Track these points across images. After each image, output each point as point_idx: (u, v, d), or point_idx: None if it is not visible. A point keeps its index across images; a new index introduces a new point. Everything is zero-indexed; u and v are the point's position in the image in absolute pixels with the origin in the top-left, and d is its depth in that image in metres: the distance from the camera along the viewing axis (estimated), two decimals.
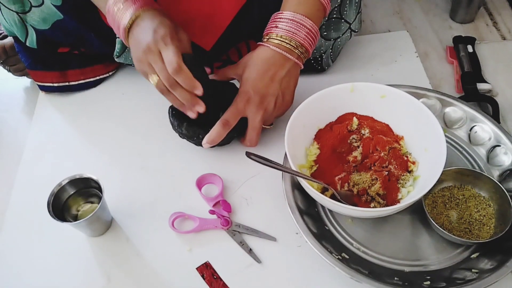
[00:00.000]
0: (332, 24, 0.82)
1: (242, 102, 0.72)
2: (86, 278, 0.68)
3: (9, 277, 0.69)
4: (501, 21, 1.01)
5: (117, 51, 0.82)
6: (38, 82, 0.89)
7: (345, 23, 0.83)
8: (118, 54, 0.83)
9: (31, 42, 0.84)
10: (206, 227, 0.70)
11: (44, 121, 0.88)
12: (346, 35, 0.85)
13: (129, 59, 0.85)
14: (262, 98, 0.72)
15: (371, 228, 0.68)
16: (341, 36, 0.85)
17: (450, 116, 0.77)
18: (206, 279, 0.66)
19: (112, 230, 0.72)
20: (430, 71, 0.91)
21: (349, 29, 0.85)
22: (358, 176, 0.69)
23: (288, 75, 0.72)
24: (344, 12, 0.81)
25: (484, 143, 0.74)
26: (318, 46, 0.85)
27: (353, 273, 0.60)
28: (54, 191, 0.67)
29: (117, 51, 0.82)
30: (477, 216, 0.67)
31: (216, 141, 0.72)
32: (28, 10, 0.79)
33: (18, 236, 0.73)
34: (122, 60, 0.85)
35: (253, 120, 0.73)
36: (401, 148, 0.71)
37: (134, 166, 0.79)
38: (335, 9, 0.80)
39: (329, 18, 0.81)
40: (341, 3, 0.80)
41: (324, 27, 0.82)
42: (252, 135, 0.75)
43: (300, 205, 0.68)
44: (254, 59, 0.72)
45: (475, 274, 0.61)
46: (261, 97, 0.72)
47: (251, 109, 0.72)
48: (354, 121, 0.74)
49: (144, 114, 0.87)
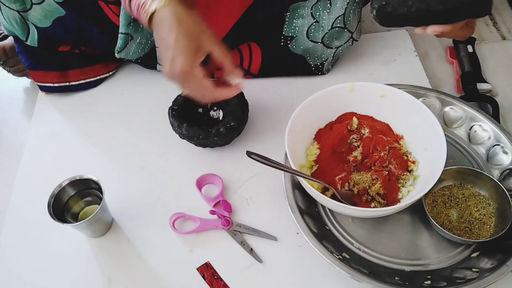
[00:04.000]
0: (335, 34, 0.82)
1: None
2: (86, 279, 0.68)
3: (9, 278, 0.69)
4: (501, 21, 1.01)
5: (118, 46, 0.82)
6: (38, 83, 0.89)
7: (348, 32, 0.83)
8: (119, 50, 0.83)
9: (32, 40, 0.84)
10: (207, 228, 0.70)
11: (44, 122, 0.88)
12: (348, 43, 0.85)
13: (130, 55, 0.85)
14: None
15: (372, 227, 0.68)
16: (343, 44, 0.85)
17: (449, 115, 0.78)
18: (207, 280, 0.66)
19: (112, 231, 0.72)
20: (430, 71, 0.91)
21: (351, 38, 0.85)
22: (358, 176, 0.69)
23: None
24: (348, 21, 0.81)
25: (484, 142, 0.74)
26: (319, 53, 0.85)
27: (353, 273, 0.60)
28: (54, 192, 0.67)
29: (119, 46, 0.82)
30: (477, 215, 0.67)
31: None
32: (29, 8, 0.79)
33: (18, 237, 0.73)
34: (123, 56, 0.85)
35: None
36: (401, 147, 0.71)
37: (134, 167, 0.80)
38: (339, 18, 0.80)
39: (333, 28, 0.81)
40: (345, 13, 0.80)
41: (327, 36, 0.82)
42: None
43: (301, 205, 0.68)
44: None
45: (476, 273, 0.61)
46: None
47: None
48: (354, 121, 0.74)
49: (144, 114, 0.87)
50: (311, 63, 0.86)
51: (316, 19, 0.80)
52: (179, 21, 0.59)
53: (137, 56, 0.86)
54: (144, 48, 0.85)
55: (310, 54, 0.85)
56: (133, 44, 0.83)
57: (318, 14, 0.79)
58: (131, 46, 0.83)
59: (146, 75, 0.92)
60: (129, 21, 0.79)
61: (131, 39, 0.82)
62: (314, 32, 0.82)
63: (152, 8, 0.59)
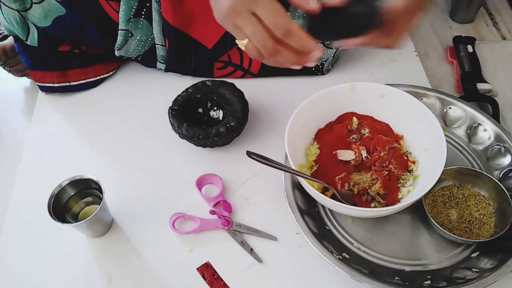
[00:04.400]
0: None
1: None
2: (86, 279, 0.68)
3: (9, 278, 0.69)
4: (501, 21, 1.01)
5: (118, 43, 0.82)
6: (39, 83, 0.89)
7: None
8: (119, 47, 0.83)
9: (32, 40, 0.84)
10: (207, 228, 0.70)
11: (44, 122, 0.88)
12: None
13: (130, 52, 0.85)
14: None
15: (372, 228, 0.68)
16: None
17: (449, 115, 0.78)
18: (207, 280, 0.66)
19: (112, 231, 0.72)
20: (430, 71, 0.91)
21: None
22: (358, 176, 0.69)
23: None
24: None
25: (484, 142, 0.74)
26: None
27: (353, 273, 0.60)
28: (54, 192, 0.67)
29: (119, 43, 0.82)
30: (477, 215, 0.67)
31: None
32: (29, 7, 0.79)
33: (18, 237, 0.73)
34: (123, 53, 0.85)
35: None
36: (401, 147, 0.71)
37: (134, 167, 0.79)
38: None
39: None
40: None
41: None
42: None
43: (301, 205, 0.68)
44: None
45: (476, 273, 0.61)
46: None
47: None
48: (354, 121, 0.74)
49: (145, 114, 0.87)
50: None
51: None
52: None
53: (137, 54, 0.86)
54: (144, 46, 0.85)
55: None
56: (133, 41, 0.83)
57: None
58: (131, 43, 0.83)
59: (146, 75, 0.92)
60: (129, 17, 0.79)
61: (131, 36, 0.82)
62: None
63: None
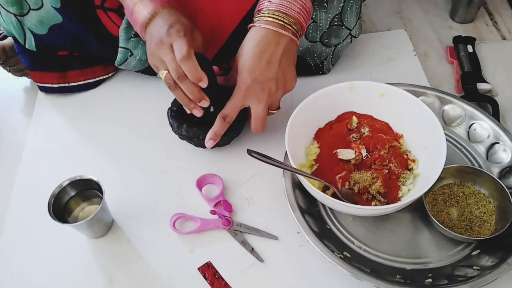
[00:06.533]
0: (333, 32, 0.83)
1: (240, 93, 0.68)
2: (87, 280, 0.68)
3: (9, 278, 0.69)
4: (501, 21, 1.01)
5: (118, 60, 0.84)
6: (38, 83, 0.89)
7: (345, 29, 0.83)
8: (120, 63, 0.84)
9: (29, 45, 0.84)
10: (208, 228, 0.70)
11: (44, 122, 0.88)
12: (347, 41, 0.86)
13: (131, 66, 0.86)
14: (262, 86, 0.67)
15: (372, 226, 0.68)
16: (342, 42, 0.85)
17: (449, 114, 0.78)
18: (208, 279, 0.66)
19: (112, 232, 0.72)
20: (430, 71, 0.91)
21: (350, 35, 0.85)
22: (358, 174, 0.69)
23: (285, 53, 0.67)
24: (345, 19, 0.81)
25: (483, 140, 0.75)
26: (318, 53, 0.85)
27: (355, 272, 0.60)
28: (54, 193, 0.67)
29: (118, 60, 0.84)
30: (478, 213, 0.67)
31: (218, 136, 0.71)
32: (26, 13, 0.78)
33: (18, 237, 0.73)
34: (123, 68, 0.86)
35: (256, 111, 0.69)
36: (401, 146, 0.71)
37: (134, 167, 0.79)
38: (336, 16, 0.80)
39: (330, 26, 0.81)
40: (342, 11, 0.80)
41: (325, 34, 0.82)
42: (257, 124, 0.71)
43: (301, 204, 0.68)
44: (246, 44, 0.67)
45: (476, 271, 0.61)
46: (260, 84, 0.67)
47: (251, 99, 0.68)
48: (354, 120, 0.74)
49: (144, 115, 0.87)
50: (311, 62, 0.86)
51: (314, 19, 0.80)
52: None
53: (138, 69, 0.88)
54: (145, 63, 0.86)
55: (310, 54, 0.85)
56: (133, 60, 0.85)
57: (315, 14, 0.80)
58: (132, 61, 0.85)
59: (145, 77, 0.92)
60: (130, 36, 0.79)
61: (131, 55, 0.83)
62: (312, 32, 0.82)
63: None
